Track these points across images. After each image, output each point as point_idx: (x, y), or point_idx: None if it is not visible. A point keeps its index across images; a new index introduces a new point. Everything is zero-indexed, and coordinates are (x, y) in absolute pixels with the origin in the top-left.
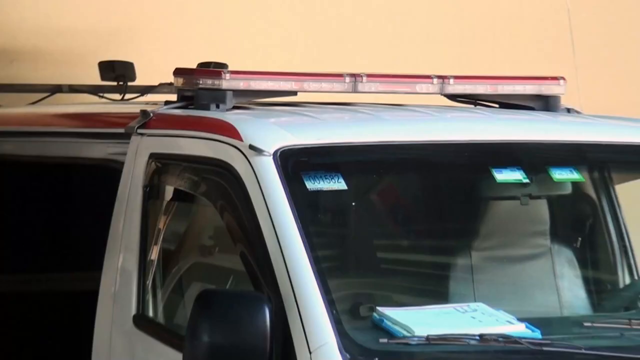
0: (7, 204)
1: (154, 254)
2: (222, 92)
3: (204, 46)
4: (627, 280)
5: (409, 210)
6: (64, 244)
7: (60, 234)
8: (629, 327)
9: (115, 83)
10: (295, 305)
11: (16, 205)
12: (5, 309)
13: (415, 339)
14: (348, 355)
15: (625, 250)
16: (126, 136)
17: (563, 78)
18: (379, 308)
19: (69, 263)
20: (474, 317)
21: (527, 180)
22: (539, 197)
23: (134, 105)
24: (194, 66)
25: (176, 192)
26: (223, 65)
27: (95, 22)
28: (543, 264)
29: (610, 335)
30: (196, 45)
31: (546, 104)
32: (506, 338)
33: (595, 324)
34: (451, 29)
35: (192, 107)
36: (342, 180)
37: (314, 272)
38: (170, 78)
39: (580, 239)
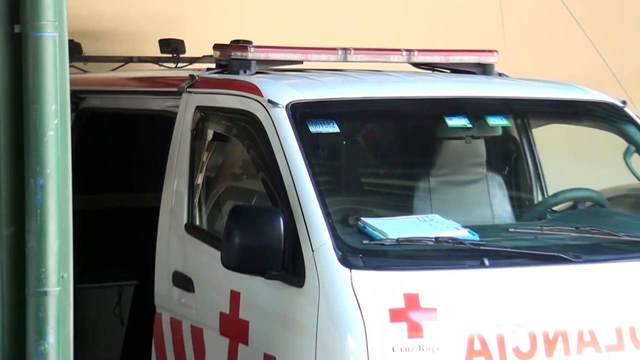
0: (94, 143)
1: (199, 179)
2: (248, 61)
3: (235, 28)
4: (540, 198)
5: (385, 147)
6: (135, 172)
7: (132, 164)
8: (540, 232)
9: (170, 55)
10: (302, 216)
11: (101, 144)
12: (93, 220)
13: (389, 240)
14: (340, 253)
15: (538, 176)
16: (179, 94)
17: (496, 51)
18: (362, 218)
19: (139, 186)
20: (431, 225)
21: (470, 125)
22: (478, 138)
23: (184, 71)
24: (228, 42)
25: (215, 134)
26: (249, 42)
27: (157, 10)
28: (480, 187)
29: (527, 238)
30: (229, 27)
31: (484, 70)
32: (454, 240)
33: (517, 230)
34: (416, 17)
35: (226, 72)
36: (335, 126)
37: (315, 192)
38: (210, 51)
39: (507, 168)
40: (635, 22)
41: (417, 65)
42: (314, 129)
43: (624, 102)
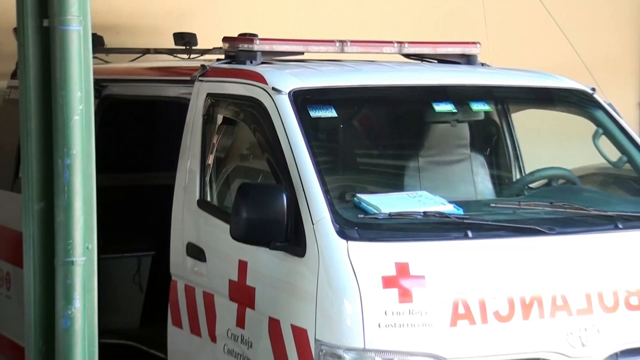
0: (115, 127)
1: (210, 159)
2: (254, 52)
3: (242, 22)
4: (518, 176)
5: (378, 130)
6: (152, 153)
7: (149, 146)
8: (519, 207)
9: (184, 47)
10: (303, 193)
11: (121, 128)
12: (115, 197)
13: (382, 214)
14: (337, 226)
15: (516, 156)
16: (191, 82)
17: (479, 43)
18: (358, 194)
19: (155, 166)
20: (420, 200)
21: (455, 110)
22: (463, 122)
23: (196, 61)
24: (236, 36)
25: (224, 119)
26: (255, 35)
27: (171, 7)
28: (464, 166)
29: (507, 212)
30: (237, 21)
31: (468, 60)
32: (440, 214)
33: (497, 205)
34: (410, 13)
35: (234, 62)
36: (333, 111)
37: (315, 171)
38: (220, 44)
39: (488, 149)
40: (603, 17)
41: (407, 56)
42: (314, 113)
43: (593, 89)
